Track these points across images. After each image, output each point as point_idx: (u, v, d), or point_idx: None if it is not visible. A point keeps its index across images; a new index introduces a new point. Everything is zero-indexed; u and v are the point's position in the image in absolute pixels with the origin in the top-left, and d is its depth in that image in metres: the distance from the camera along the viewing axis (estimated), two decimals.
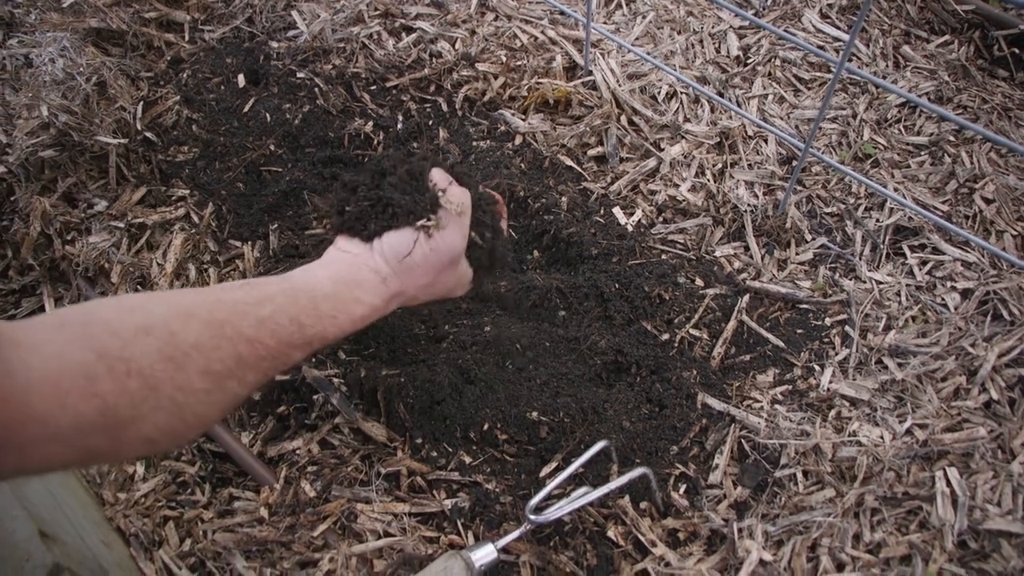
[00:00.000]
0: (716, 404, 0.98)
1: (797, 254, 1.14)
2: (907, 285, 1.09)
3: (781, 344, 1.04)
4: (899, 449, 0.89)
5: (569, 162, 1.21)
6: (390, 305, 0.73)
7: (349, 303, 0.68)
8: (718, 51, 1.39)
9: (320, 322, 0.65)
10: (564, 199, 1.15)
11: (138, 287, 1.14)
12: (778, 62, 1.37)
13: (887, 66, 1.38)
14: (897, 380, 0.97)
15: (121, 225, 1.17)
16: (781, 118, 1.28)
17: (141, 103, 1.27)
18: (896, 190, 1.19)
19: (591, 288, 1.07)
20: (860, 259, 1.12)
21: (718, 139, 1.24)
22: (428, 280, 0.74)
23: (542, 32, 1.37)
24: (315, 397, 0.95)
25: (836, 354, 1.03)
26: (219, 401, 0.58)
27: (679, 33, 1.41)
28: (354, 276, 0.70)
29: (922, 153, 1.26)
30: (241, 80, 1.34)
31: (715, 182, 1.19)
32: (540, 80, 1.26)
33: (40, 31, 1.33)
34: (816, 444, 0.91)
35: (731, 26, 1.42)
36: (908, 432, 0.92)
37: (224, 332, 0.58)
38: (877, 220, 1.16)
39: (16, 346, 0.47)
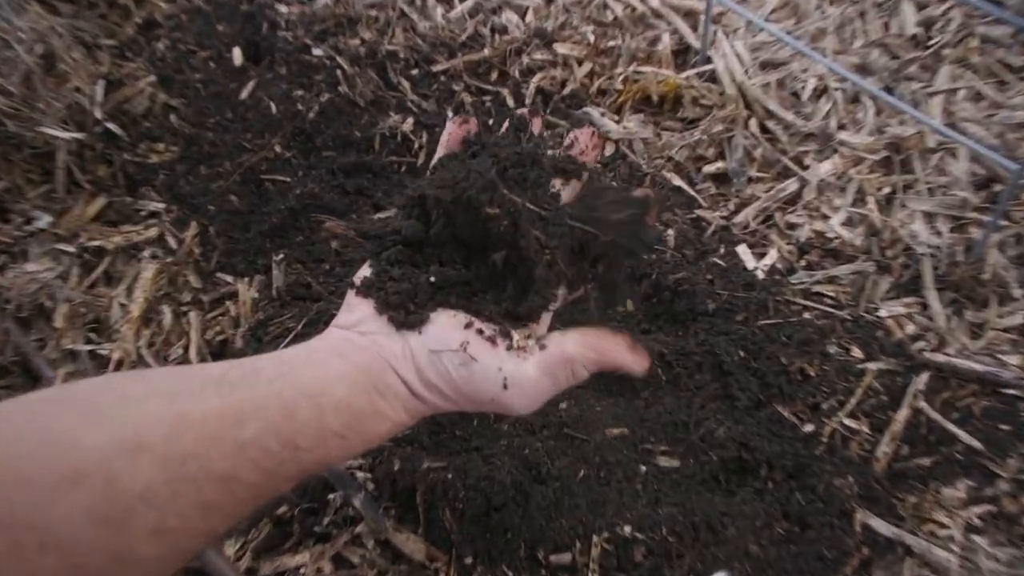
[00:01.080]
0: (883, 527, 0.97)
1: (1000, 316, 1.13)
2: None
3: (977, 445, 1.03)
4: None
5: (678, 181, 1.24)
6: (416, 420, 0.70)
7: (368, 419, 0.64)
8: (887, 28, 1.41)
9: (323, 445, 0.62)
10: (670, 232, 1.17)
11: (91, 335, 1.18)
12: (975, 42, 1.38)
13: None
14: None
15: (71, 249, 1.22)
16: (977, 123, 1.29)
17: (101, 83, 1.33)
18: None
19: (706, 356, 1.09)
20: None
21: (885, 153, 1.25)
22: (475, 411, 0.71)
23: (643, 1, 1.40)
24: (330, 496, 0.97)
25: None
26: (175, 559, 0.57)
27: (832, 4, 1.44)
28: (379, 378, 0.65)
29: None
30: (237, 56, 1.40)
31: (881, 213, 1.20)
32: (640, 69, 1.30)
33: None
34: None
35: None
36: None
37: (187, 471, 0.56)
38: None
39: None
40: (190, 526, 0.55)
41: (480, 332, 0.64)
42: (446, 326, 0.64)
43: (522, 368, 0.64)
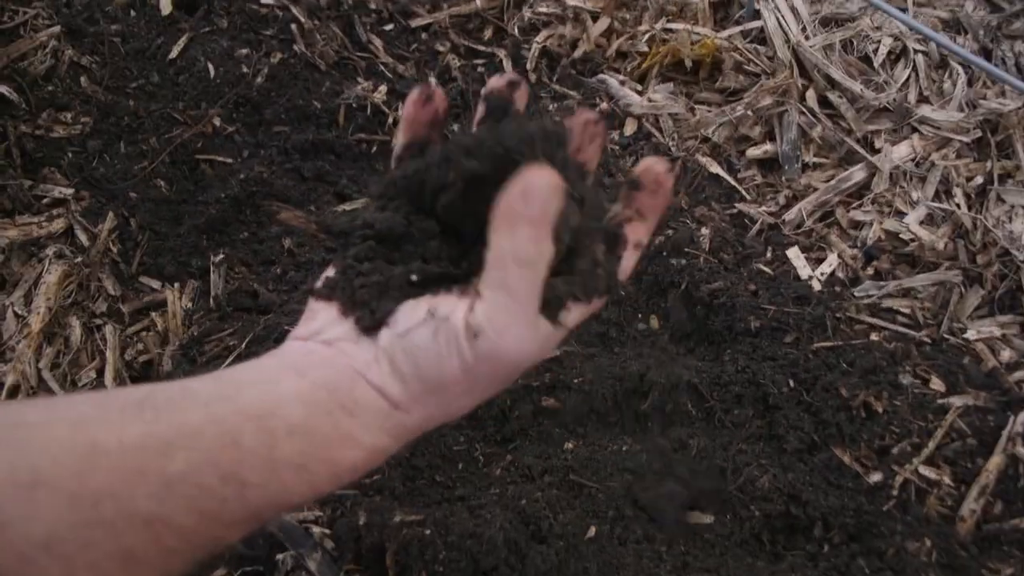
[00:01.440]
0: None
1: None
2: None
3: None
4: None
5: (715, 168, 1.27)
6: (403, 442, 0.73)
7: (333, 445, 0.66)
8: None
9: (276, 478, 0.63)
10: (705, 231, 1.20)
11: None
12: None
13: None
14: None
15: None
16: None
17: None
18: None
19: (748, 386, 1.11)
20: None
21: (978, 133, 1.28)
22: (471, 403, 0.75)
23: None
24: (279, 557, 1.00)
25: None
26: None
27: None
28: (347, 395, 0.70)
29: None
30: (166, 3, 1.44)
31: (971, 209, 1.23)
32: (671, 26, 1.33)
33: None
34: None
35: None
36: None
37: (101, 514, 0.54)
38: None
39: None
40: None
41: (443, 294, 0.69)
42: (409, 308, 0.69)
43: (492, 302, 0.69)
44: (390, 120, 1.34)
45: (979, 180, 1.26)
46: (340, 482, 0.65)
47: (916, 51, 1.34)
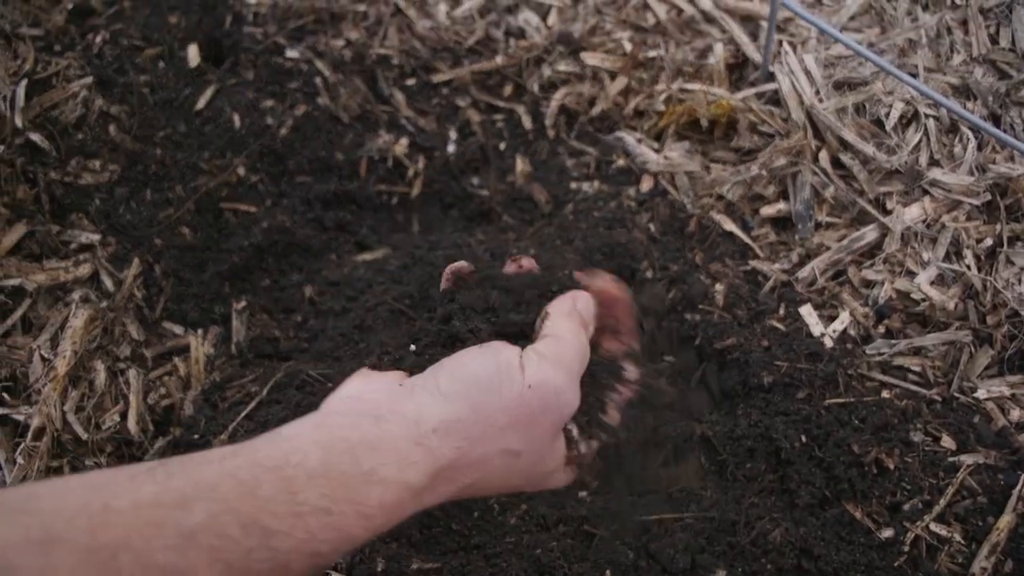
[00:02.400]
0: None
1: None
2: None
3: None
4: None
5: (730, 225, 1.29)
6: (439, 486, 0.72)
7: (358, 485, 0.67)
8: (994, 41, 1.46)
9: (302, 525, 0.63)
10: (720, 287, 1.22)
11: (3, 395, 1.19)
12: None
13: None
14: None
15: None
16: None
17: (24, 82, 1.37)
18: None
19: (760, 440, 1.12)
20: None
21: (988, 196, 1.29)
22: (515, 442, 0.76)
23: (692, 3, 1.46)
24: None
25: None
26: None
27: (926, 9, 1.49)
28: (371, 429, 0.70)
29: None
30: (193, 55, 1.47)
31: (980, 271, 1.25)
32: (687, 86, 1.36)
33: None
34: None
35: None
36: None
37: (119, 566, 0.56)
38: None
39: None
40: None
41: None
42: (460, 354, 0.77)
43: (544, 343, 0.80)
44: (410, 172, 1.37)
45: (989, 242, 1.27)
46: (371, 524, 0.68)
47: (927, 115, 1.36)
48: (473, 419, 0.73)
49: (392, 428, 0.70)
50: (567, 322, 0.82)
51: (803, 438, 1.12)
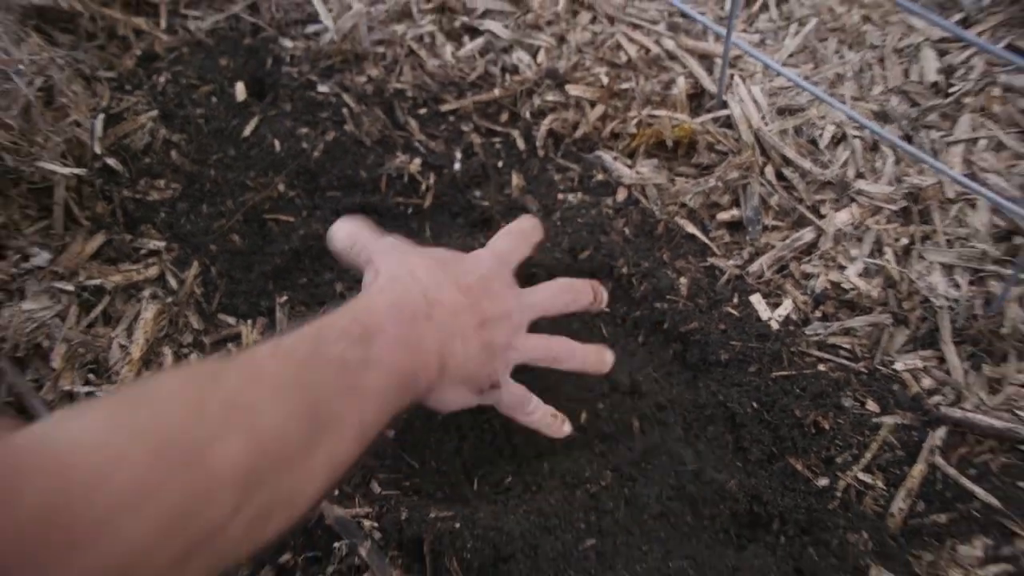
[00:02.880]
0: None
1: (1020, 372, 1.19)
2: None
3: (995, 503, 1.08)
4: None
5: (691, 228, 1.31)
6: (399, 297, 0.91)
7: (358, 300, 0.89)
8: (907, 75, 1.48)
9: (310, 334, 0.79)
10: (683, 280, 1.24)
11: (90, 375, 1.22)
12: (997, 91, 1.44)
13: None
14: None
15: (69, 287, 1.27)
16: (999, 174, 1.35)
17: (101, 117, 1.40)
18: None
19: (718, 407, 1.15)
20: None
21: (904, 203, 1.32)
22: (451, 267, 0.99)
23: (657, 42, 1.48)
24: (336, 545, 1.03)
25: None
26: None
27: (851, 48, 1.52)
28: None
29: None
30: (240, 91, 1.48)
31: (898, 264, 1.27)
32: (654, 112, 1.38)
33: None
34: None
35: (927, 39, 1.51)
36: None
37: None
38: None
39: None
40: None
41: None
42: None
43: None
44: (423, 187, 1.38)
45: (904, 241, 1.30)
46: (370, 315, 0.86)
47: (853, 136, 1.38)
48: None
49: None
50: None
51: (754, 405, 1.15)
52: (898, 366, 1.20)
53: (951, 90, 1.45)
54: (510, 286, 1.05)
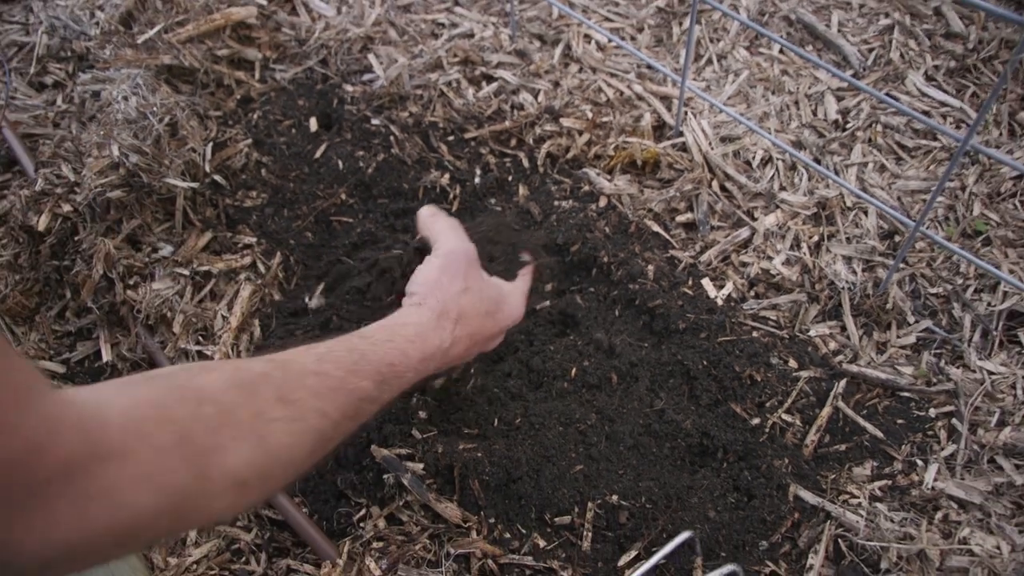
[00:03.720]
0: (810, 497, 1.03)
1: (899, 337, 1.19)
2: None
3: (880, 435, 1.09)
4: (1020, 564, 0.93)
5: (656, 228, 1.30)
6: (444, 326, 0.84)
7: (397, 327, 0.80)
8: (815, 114, 1.48)
9: (377, 349, 0.74)
10: (650, 267, 1.22)
11: (200, 339, 1.22)
12: (880, 128, 1.45)
13: (1000, 135, 1.44)
14: (1015, 484, 1.01)
15: (186, 272, 1.28)
16: (882, 188, 1.35)
17: (211, 144, 1.39)
18: (1012, 272, 1.23)
19: (677, 364, 1.14)
20: (969, 346, 1.17)
21: (815, 210, 1.31)
22: (460, 285, 0.88)
23: (629, 87, 1.47)
24: (385, 476, 1.02)
25: (942, 449, 1.07)
26: (303, 432, 0.60)
27: (774, 93, 1.50)
28: (396, 317, 0.85)
29: None
30: (313, 124, 1.46)
31: (811, 256, 1.26)
32: (627, 139, 1.36)
33: (114, 67, 1.47)
34: (922, 550, 0.96)
35: (829, 87, 1.50)
36: None
37: (289, 368, 0.62)
38: (989, 304, 1.20)
39: (81, 390, 0.50)
40: (302, 399, 0.62)
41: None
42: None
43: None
44: (451, 196, 1.37)
45: (816, 238, 1.29)
46: (417, 353, 0.80)
47: (777, 159, 1.37)
48: (433, 285, 0.90)
49: (406, 309, 0.88)
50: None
51: (704, 362, 1.14)
52: (812, 333, 1.20)
53: (847, 126, 1.45)
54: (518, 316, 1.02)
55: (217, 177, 1.36)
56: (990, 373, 1.14)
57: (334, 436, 0.65)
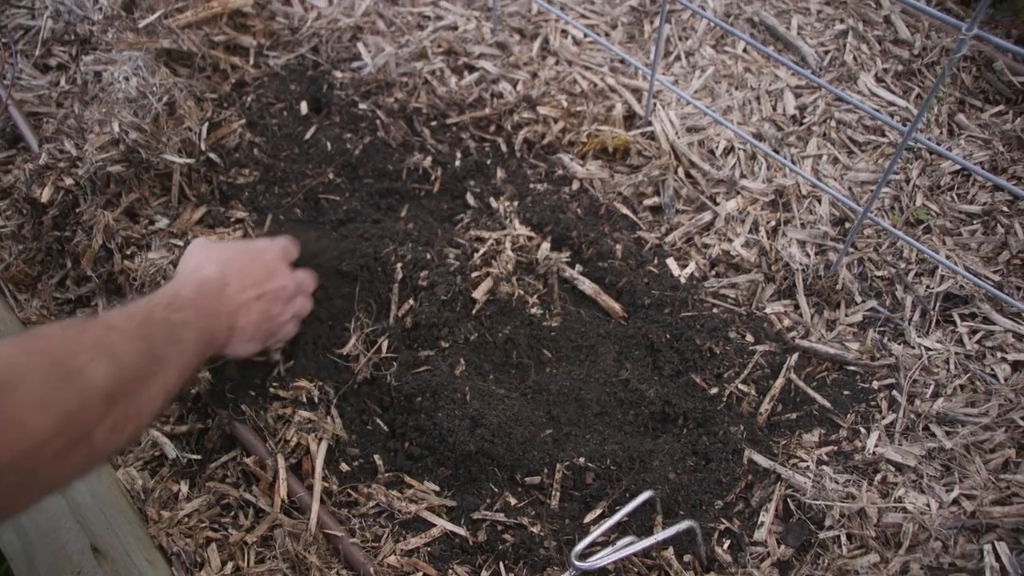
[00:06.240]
0: (762, 461, 1.02)
1: (847, 315, 1.18)
2: (956, 353, 1.13)
3: (827, 404, 1.08)
4: (946, 519, 0.93)
5: (625, 210, 1.27)
6: (203, 280, 0.87)
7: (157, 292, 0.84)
8: (775, 109, 1.46)
9: (143, 304, 0.79)
10: (619, 247, 1.20)
11: None
12: (833, 123, 1.43)
13: (941, 133, 1.44)
14: (945, 448, 1.01)
15: (180, 243, 1.23)
16: (835, 179, 1.34)
17: (206, 124, 1.34)
18: (948, 257, 1.23)
19: (642, 338, 1.12)
20: (909, 324, 1.16)
21: (773, 196, 1.29)
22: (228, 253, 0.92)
23: (602, 79, 1.44)
24: (376, 458, 0.99)
25: (883, 418, 1.07)
26: (139, 350, 0.70)
27: (737, 89, 1.47)
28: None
29: (974, 222, 1.30)
30: (304, 107, 1.42)
31: (768, 239, 1.24)
32: (600, 127, 1.33)
33: (116, 50, 1.42)
34: (861, 508, 0.95)
35: (788, 84, 1.48)
36: (955, 502, 0.95)
37: (104, 316, 0.78)
38: (928, 286, 1.20)
39: None
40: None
41: None
42: None
43: None
44: (433, 177, 1.34)
45: (773, 223, 1.28)
46: (169, 299, 0.81)
47: (739, 148, 1.36)
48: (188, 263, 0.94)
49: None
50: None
51: (667, 336, 1.12)
52: (768, 310, 1.19)
53: (804, 121, 1.43)
54: (286, 269, 0.99)
55: (212, 155, 1.32)
56: (927, 349, 1.14)
57: (163, 355, 0.72)
